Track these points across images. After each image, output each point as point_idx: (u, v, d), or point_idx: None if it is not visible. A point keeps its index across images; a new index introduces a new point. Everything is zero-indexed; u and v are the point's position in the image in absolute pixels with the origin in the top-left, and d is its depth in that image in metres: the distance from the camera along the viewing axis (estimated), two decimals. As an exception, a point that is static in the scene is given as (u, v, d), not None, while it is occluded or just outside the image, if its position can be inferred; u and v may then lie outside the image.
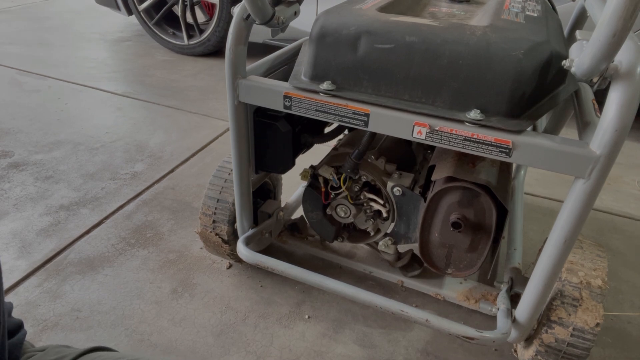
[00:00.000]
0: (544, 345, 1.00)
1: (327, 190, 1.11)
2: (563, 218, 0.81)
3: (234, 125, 1.02)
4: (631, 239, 1.58)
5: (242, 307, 1.25)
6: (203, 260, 1.40)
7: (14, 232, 1.48)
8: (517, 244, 1.26)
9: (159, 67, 2.90)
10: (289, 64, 1.12)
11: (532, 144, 0.76)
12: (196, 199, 1.68)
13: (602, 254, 1.04)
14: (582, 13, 1.25)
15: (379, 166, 1.09)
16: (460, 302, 1.16)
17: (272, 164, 1.12)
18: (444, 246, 1.00)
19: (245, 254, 1.14)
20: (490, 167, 0.96)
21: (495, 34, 0.80)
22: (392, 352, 1.15)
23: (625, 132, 0.69)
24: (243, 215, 1.18)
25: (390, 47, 0.83)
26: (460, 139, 0.81)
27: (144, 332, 1.16)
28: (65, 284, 1.29)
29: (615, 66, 0.66)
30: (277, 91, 0.92)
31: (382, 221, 1.14)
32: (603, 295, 0.96)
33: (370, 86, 0.87)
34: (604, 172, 0.73)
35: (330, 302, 1.27)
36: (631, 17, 0.57)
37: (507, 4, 1.00)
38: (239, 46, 0.93)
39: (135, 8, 3.04)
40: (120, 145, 2.01)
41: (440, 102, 0.83)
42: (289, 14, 0.95)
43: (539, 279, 0.89)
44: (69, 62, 2.92)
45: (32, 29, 3.51)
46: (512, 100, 0.78)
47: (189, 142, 2.06)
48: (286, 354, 1.13)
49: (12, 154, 1.91)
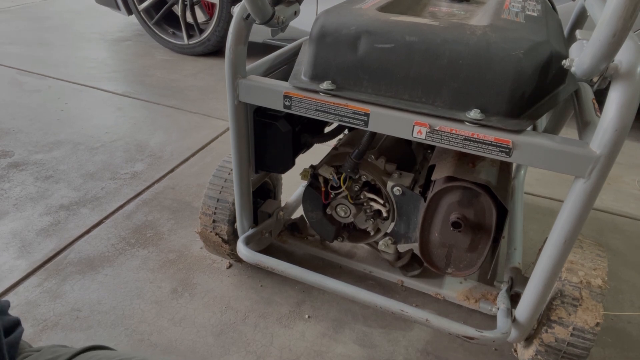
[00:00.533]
0: (544, 345, 1.00)
1: (327, 190, 1.11)
2: (563, 218, 0.81)
3: (234, 125, 1.02)
4: (631, 239, 1.58)
5: (242, 306, 1.25)
6: (203, 260, 1.40)
7: (14, 232, 1.48)
8: (517, 243, 1.26)
9: (159, 67, 2.90)
10: (289, 63, 1.12)
11: (532, 144, 0.76)
12: (196, 198, 1.68)
13: (602, 254, 1.04)
14: (582, 13, 1.25)
15: (379, 166, 1.09)
16: (460, 301, 1.16)
17: (272, 164, 1.12)
18: (444, 246, 1.00)
19: (245, 254, 1.14)
20: (490, 167, 0.96)
21: (495, 33, 0.80)
22: (392, 351, 1.15)
23: (625, 131, 0.69)
24: (243, 215, 1.18)
25: (390, 46, 0.83)
26: (460, 139, 0.81)
27: (144, 331, 1.16)
28: (65, 284, 1.29)
29: (615, 66, 0.67)
30: (277, 91, 0.92)
31: (382, 221, 1.14)
32: (603, 295, 0.96)
33: (370, 86, 0.87)
34: (604, 172, 0.73)
35: (330, 302, 1.27)
36: (631, 17, 0.57)
37: (507, 3, 1.00)
38: (239, 46, 0.93)
39: (135, 8, 3.05)
40: (121, 145, 2.01)
41: (440, 102, 0.83)
42: (288, 13, 0.95)
43: (539, 278, 0.89)
44: (69, 62, 2.92)
45: (32, 29, 3.51)
46: (512, 100, 0.78)
47: (189, 142, 2.06)
48: (286, 354, 1.13)
49: (12, 153, 1.91)
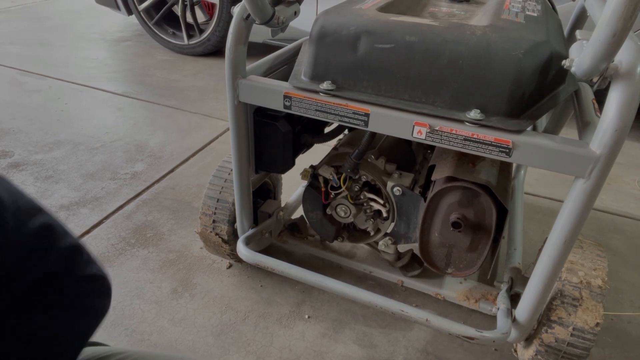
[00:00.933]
0: (544, 345, 1.00)
1: (327, 190, 1.11)
2: (563, 218, 0.81)
3: (234, 125, 1.02)
4: (631, 239, 1.58)
5: (242, 307, 1.25)
6: (203, 260, 1.40)
7: (14, 232, 1.48)
8: (517, 244, 1.26)
9: (159, 67, 2.90)
10: (289, 64, 1.12)
11: (532, 144, 0.76)
12: (196, 198, 1.68)
13: (602, 254, 1.04)
14: (582, 13, 1.25)
15: (379, 166, 1.09)
16: (460, 302, 1.16)
17: (272, 164, 1.12)
18: (444, 246, 1.00)
19: (245, 254, 1.14)
20: (490, 167, 0.96)
21: (495, 33, 0.80)
22: (392, 352, 1.15)
23: (625, 132, 0.69)
24: (243, 215, 1.18)
25: (390, 47, 0.83)
26: (460, 139, 0.81)
27: (144, 332, 1.16)
28: (65, 284, 1.29)
29: (615, 66, 0.67)
30: (277, 91, 0.92)
31: (382, 221, 1.14)
32: (603, 295, 0.96)
33: (370, 86, 0.87)
34: (604, 172, 0.73)
35: (330, 302, 1.27)
36: (631, 17, 0.57)
37: (507, 3, 1.00)
38: (239, 46, 0.93)
39: (135, 8, 3.04)
40: (120, 145, 2.01)
41: (440, 102, 0.83)
42: (289, 13, 0.95)
43: (539, 278, 0.89)
44: (69, 62, 2.92)
45: (32, 29, 3.51)
46: (512, 100, 0.78)
47: (189, 142, 2.06)
48: (286, 354, 1.13)
49: (12, 154, 1.91)
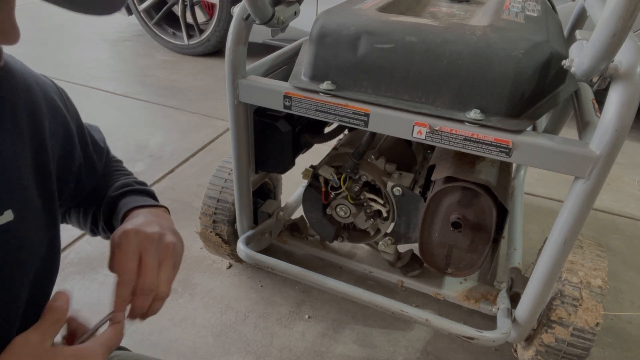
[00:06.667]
0: (544, 345, 1.00)
1: (327, 190, 1.11)
2: (563, 218, 0.81)
3: (234, 125, 1.02)
4: (631, 239, 1.58)
5: (242, 307, 1.25)
6: (203, 260, 1.40)
7: (14, 232, 1.48)
8: (517, 244, 1.26)
9: (159, 67, 2.90)
10: (289, 64, 1.12)
11: (532, 144, 0.76)
12: (196, 199, 1.68)
13: (602, 254, 1.04)
14: (582, 13, 1.25)
15: (379, 166, 1.09)
16: (460, 302, 1.16)
17: (272, 164, 1.11)
18: (444, 246, 1.00)
19: (245, 254, 1.14)
20: (490, 167, 0.96)
21: (495, 33, 0.80)
22: (392, 352, 1.15)
23: (625, 132, 0.69)
24: (243, 215, 1.18)
25: (390, 47, 0.83)
26: (460, 139, 0.81)
27: (144, 332, 1.16)
28: (65, 284, 1.29)
29: (615, 66, 0.67)
30: (277, 91, 0.92)
31: (382, 221, 1.14)
32: (603, 295, 0.96)
33: (370, 86, 0.87)
34: (604, 172, 0.73)
35: (330, 302, 1.27)
36: (631, 17, 0.57)
37: (507, 3, 1.00)
38: (239, 46, 0.93)
39: (135, 8, 3.04)
40: (120, 145, 2.01)
41: (440, 102, 0.83)
42: (289, 14, 0.95)
43: (539, 278, 0.89)
44: (69, 62, 2.92)
45: (32, 29, 3.51)
46: (512, 100, 0.78)
47: (189, 142, 2.06)
48: (286, 354, 1.13)
49: (12, 154, 1.91)
